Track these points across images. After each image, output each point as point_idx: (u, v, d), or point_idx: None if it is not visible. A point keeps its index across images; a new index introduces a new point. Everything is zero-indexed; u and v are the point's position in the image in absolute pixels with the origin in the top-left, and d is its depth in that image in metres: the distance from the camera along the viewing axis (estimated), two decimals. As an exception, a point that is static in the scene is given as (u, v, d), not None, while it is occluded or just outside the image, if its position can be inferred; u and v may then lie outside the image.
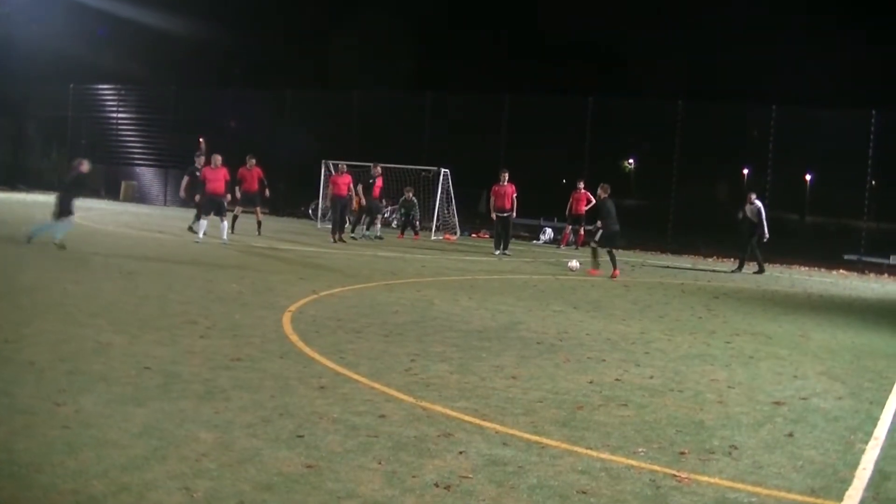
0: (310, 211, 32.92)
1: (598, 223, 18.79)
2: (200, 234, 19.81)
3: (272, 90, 38.70)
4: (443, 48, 48.53)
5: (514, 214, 22.91)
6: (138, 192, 39.35)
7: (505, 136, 32.78)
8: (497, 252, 22.50)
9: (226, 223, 20.11)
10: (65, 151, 41.26)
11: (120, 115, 41.32)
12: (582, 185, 26.54)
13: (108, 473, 4.71)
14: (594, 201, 24.70)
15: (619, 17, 48.76)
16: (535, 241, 29.64)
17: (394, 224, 30.20)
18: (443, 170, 29.31)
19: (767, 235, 21.86)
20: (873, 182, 27.90)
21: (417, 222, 28.16)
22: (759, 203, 21.93)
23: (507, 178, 22.59)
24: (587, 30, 46.95)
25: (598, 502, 4.85)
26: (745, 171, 38.17)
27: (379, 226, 26.32)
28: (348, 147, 31.39)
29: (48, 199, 33.80)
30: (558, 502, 4.80)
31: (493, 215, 23.02)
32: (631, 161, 44.24)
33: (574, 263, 19.46)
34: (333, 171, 25.09)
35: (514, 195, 22.54)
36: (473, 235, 30.25)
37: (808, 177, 38.20)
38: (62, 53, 41.22)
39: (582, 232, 27.15)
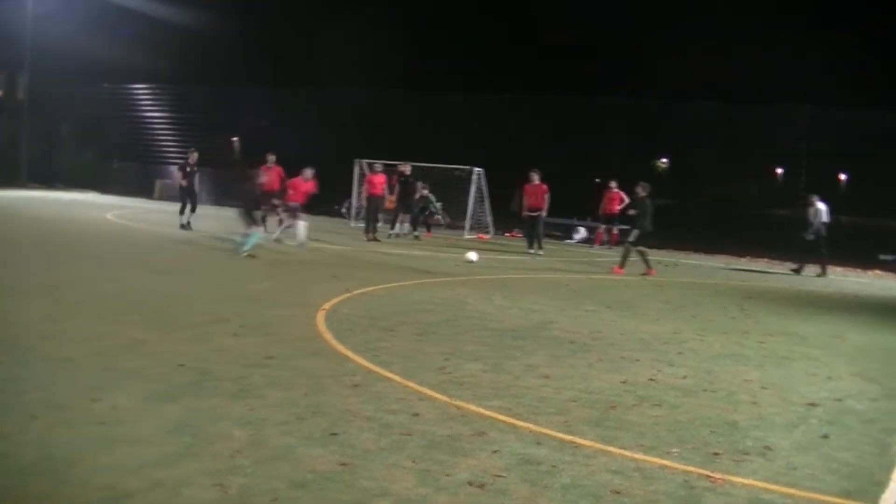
0: (343, 209, 32.98)
1: (635, 222, 18.78)
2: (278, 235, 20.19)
3: (302, 88, 38.74)
4: (476, 48, 48.43)
5: (545, 213, 22.74)
6: (172, 191, 39.61)
7: (537, 136, 32.72)
8: (530, 251, 22.44)
9: (302, 224, 19.76)
10: (99, 151, 41.72)
11: (153, 115, 41.69)
12: (614, 184, 26.40)
13: (142, 469, 4.75)
14: (627, 200, 24.67)
15: (652, 15, 48.46)
16: (567, 241, 29.54)
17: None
18: (476, 169, 29.21)
19: (810, 237, 21.57)
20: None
21: (439, 216, 27.82)
22: (819, 205, 21.55)
23: (538, 177, 22.49)
24: (620, 29, 46.69)
25: (632, 502, 4.83)
26: (779, 171, 37.86)
27: (408, 224, 26.19)
28: (380, 145, 31.28)
29: (85, 197, 34.36)
30: (591, 502, 4.78)
31: (524, 214, 22.96)
32: (665, 160, 43.93)
33: (472, 255, 19.21)
34: (368, 171, 25.14)
35: (547, 194, 22.40)
36: (507, 234, 30.19)
37: (842, 176, 37.76)
38: (96, 53, 41.52)
39: (615, 231, 27.01)
